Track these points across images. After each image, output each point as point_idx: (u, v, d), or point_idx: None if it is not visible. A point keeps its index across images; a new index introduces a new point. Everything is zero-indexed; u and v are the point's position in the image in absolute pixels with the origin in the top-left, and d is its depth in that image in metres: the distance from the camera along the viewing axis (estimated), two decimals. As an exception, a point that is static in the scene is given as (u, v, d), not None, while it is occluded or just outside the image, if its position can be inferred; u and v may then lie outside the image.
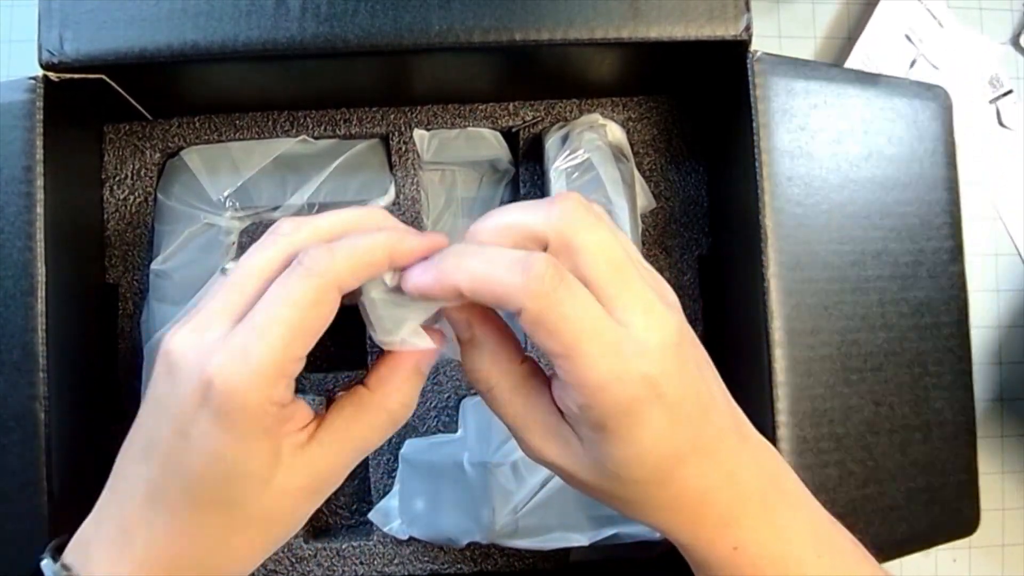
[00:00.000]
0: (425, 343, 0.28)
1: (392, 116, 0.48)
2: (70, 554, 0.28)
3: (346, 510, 0.50)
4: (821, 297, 0.41)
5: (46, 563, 0.28)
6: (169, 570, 0.27)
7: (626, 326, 0.26)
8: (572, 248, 0.26)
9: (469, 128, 0.49)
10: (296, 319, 0.25)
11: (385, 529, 0.45)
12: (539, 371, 0.30)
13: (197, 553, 0.27)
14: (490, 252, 0.27)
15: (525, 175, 0.49)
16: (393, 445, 0.46)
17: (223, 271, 0.29)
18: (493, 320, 0.29)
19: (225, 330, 0.26)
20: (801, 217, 0.41)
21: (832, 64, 0.43)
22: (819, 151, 0.42)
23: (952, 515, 0.43)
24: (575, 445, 0.29)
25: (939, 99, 0.44)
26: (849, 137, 0.42)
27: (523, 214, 0.27)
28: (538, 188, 0.49)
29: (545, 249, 0.27)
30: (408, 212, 0.47)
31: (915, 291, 0.43)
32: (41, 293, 0.38)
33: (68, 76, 0.39)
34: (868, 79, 0.44)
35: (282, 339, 0.25)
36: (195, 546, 0.27)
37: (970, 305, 0.44)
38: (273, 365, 0.25)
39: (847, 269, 0.42)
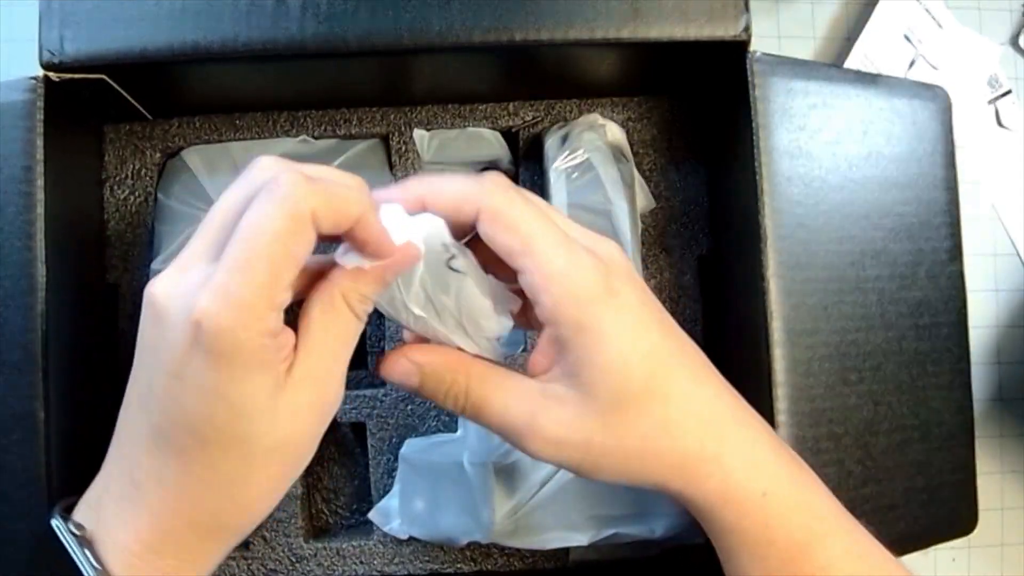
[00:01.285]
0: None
1: (392, 116, 0.48)
2: (80, 513, 0.28)
3: (346, 510, 0.50)
4: (820, 297, 0.41)
5: (57, 523, 0.27)
6: (189, 517, 0.27)
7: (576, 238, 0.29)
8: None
9: (469, 128, 0.49)
10: (276, 251, 0.24)
11: (385, 529, 0.45)
12: (496, 364, 0.30)
13: (215, 496, 0.27)
14: (441, 176, 0.29)
15: (525, 175, 0.49)
16: (393, 445, 0.46)
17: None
18: (434, 349, 0.30)
19: (207, 269, 0.25)
20: (801, 217, 0.41)
21: (831, 64, 0.43)
22: (818, 151, 0.42)
23: (951, 514, 0.43)
24: (571, 396, 0.28)
25: (938, 99, 0.44)
26: (848, 137, 0.42)
27: (459, 182, 0.29)
28: (538, 188, 0.49)
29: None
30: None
31: (914, 291, 0.43)
32: (41, 293, 0.38)
33: (68, 76, 0.39)
34: (867, 79, 0.44)
35: (264, 273, 0.24)
36: (212, 489, 0.27)
37: (969, 305, 0.44)
38: (259, 300, 0.24)
39: (846, 269, 0.42)
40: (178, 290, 0.25)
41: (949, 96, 0.45)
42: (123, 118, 0.48)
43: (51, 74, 0.39)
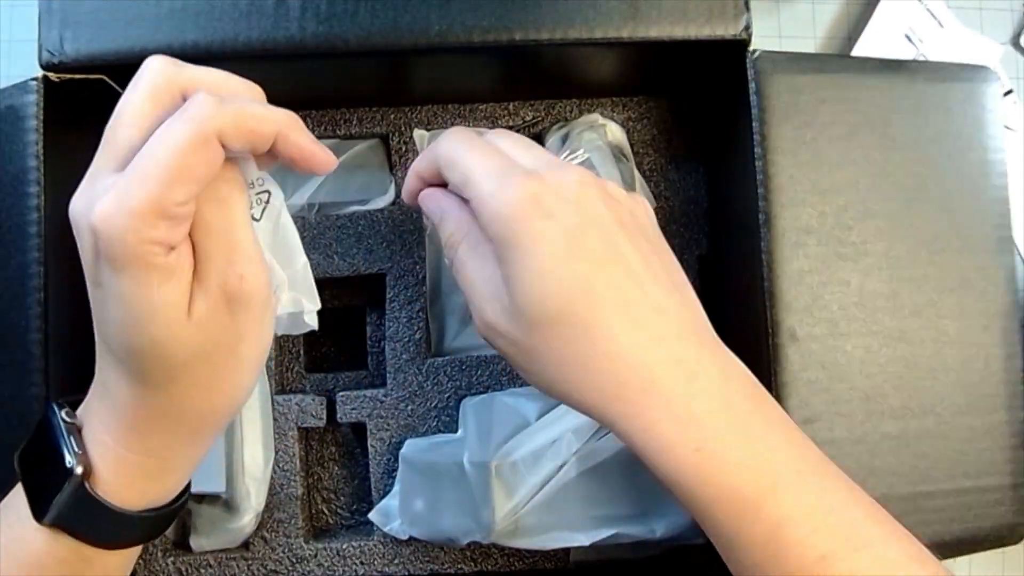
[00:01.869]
0: None
1: (392, 116, 0.48)
2: (80, 411, 0.31)
3: (346, 510, 0.50)
4: (821, 295, 0.41)
5: (54, 409, 0.30)
6: (146, 415, 0.29)
7: (520, 165, 0.31)
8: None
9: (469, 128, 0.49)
10: (173, 161, 0.25)
11: (385, 529, 0.45)
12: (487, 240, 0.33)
13: (159, 399, 0.29)
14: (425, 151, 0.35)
15: (525, 175, 0.49)
16: (393, 445, 0.46)
17: None
18: (451, 194, 0.34)
19: (111, 178, 0.26)
20: (811, 218, 0.41)
21: (842, 55, 0.42)
22: (827, 147, 0.41)
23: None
24: (504, 296, 0.30)
25: (985, 80, 0.43)
26: (865, 129, 0.41)
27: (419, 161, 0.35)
28: (538, 188, 0.49)
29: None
30: (408, 212, 0.47)
31: (965, 302, 0.42)
32: (41, 293, 0.38)
33: (68, 77, 0.39)
34: (891, 66, 0.42)
35: (158, 180, 0.25)
36: (153, 393, 0.28)
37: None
38: (148, 205, 0.25)
39: (875, 272, 0.41)
40: (85, 200, 0.27)
41: (997, 75, 0.42)
42: (123, 118, 0.47)
43: (51, 74, 0.39)
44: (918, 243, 0.42)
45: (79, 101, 0.41)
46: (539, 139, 0.48)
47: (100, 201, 0.25)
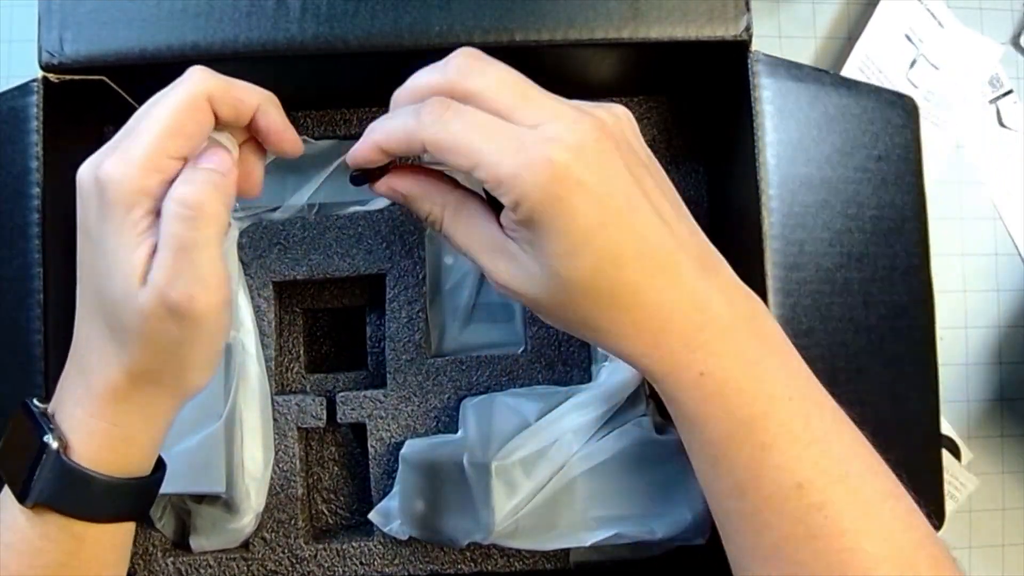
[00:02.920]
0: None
1: (392, 116, 0.48)
2: (52, 401, 0.33)
3: (346, 510, 0.50)
4: (815, 298, 0.41)
5: (27, 404, 0.32)
6: (114, 380, 0.31)
7: (535, 128, 0.29)
8: (468, 92, 0.30)
9: (469, 128, 0.49)
10: (167, 118, 0.29)
11: (385, 529, 0.45)
12: (475, 196, 0.33)
13: (129, 353, 0.30)
14: (394, 112, 0.32)
15: (525, 175, 0.49)
16: (393, 445, 0.46)
17: None
18: (421, 171, 0.34)
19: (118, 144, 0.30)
20: (798, 217, 0.41)
21: (820, 68, 0.43)
22: (815, 152, 0.42)
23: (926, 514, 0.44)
24: (524, 259, 0.30)
25: (908, 107, 0.45)
26: (836, 139, 0.42)
27: (426, 75, 0.32)
28: (538, 188, 0.49)
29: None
30: (408, 212, 0.47)
31: (892, 294, 0.43)
32: (41, 294, 0.38)
33: (68, 78, 0.39)
34: (851, 84, 0.44)
35: (154, 135, 0.29)
36: (123, 346, 0.30)
37: (970, 305, 0.44)
38: (145, 157, 0.29)
39: (835, 271, 0.42)
40: (93, 162, 0.30)
41: (917, 105, 0.45)
42: (123, 118, 0.47)
43: (50, 75, 0.39)
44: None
45: (79, 102, 0.41)
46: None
47: (108, 159, 0.29)
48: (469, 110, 0.30)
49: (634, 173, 0.30)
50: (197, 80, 0.30)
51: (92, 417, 0.31)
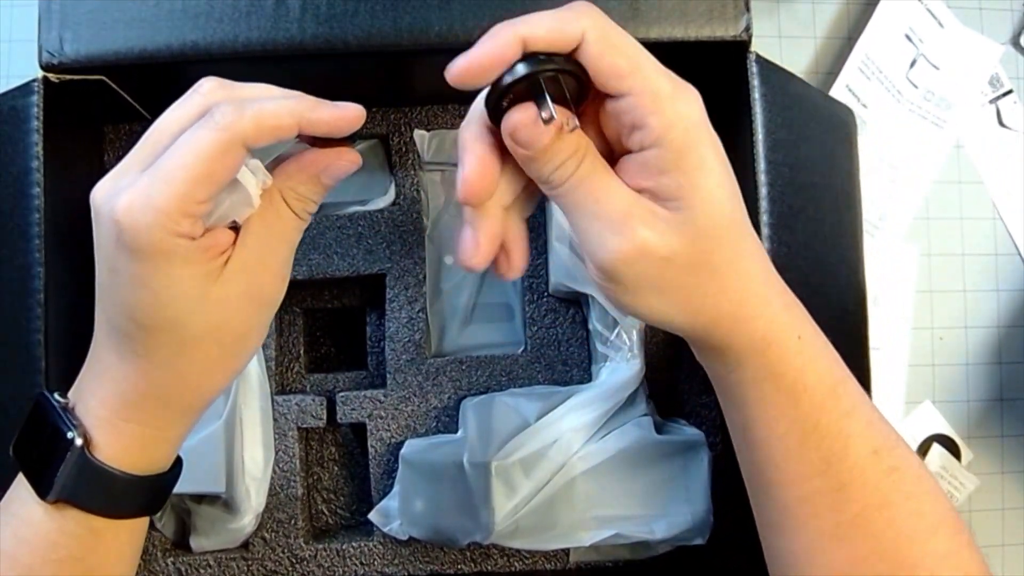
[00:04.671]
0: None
1: (392, 116, 0.48)
2: (71, 394, 0.32)
3: (346, 510, 0.50)
4: (803, 300, 0.41)
5: (45, 395, 0.32)
6: (141, 390, 0.30)
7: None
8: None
9: (469, 128, 0.49)
10: (198, 165, 0.27)
11: (385, 529, 0.45)
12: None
13: (158, 373, 0.30)
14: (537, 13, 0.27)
15: (525, 175, 0.49)
16: (393, 446, 0.46)
17: None
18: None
19: (137, 176, 0.28)
20: (786, 219, 0.41)
21: (797, 76, 0.44)
22: (793, 157, 0.42)
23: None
24: (661, 212, 0.28)
25: (849, 120, 0.46)
26: (806, 145, 0.43)
27: (552, 22, 0.27)
28: (538, 188, 0.49)
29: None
30: (408, 212, 0.47)
31: (841, 299, 0.44)
32: (42, 294, 0.38)
33: (68, 77, 0.39)
34: (814, 91, 0.45)
35: (183, 182, 0.27)
36: (155, 367, 0.30)
37: (969, 305, 0.44)
38: (173, 204, 0.27)
39: (810, 274, 0.42)
40: (109, 192, 0.28)
41: (855, 117, 0.46)
42: (123, 118, 0.47)
43: (50, 75, 0.39)
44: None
45: (79, 102, 0.41)
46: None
47: (124, 194, 0.27)
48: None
49: None
50: (229, 123, 0.27)
51: (119, 418, 0.31)
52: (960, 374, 0.56)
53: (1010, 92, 0.57)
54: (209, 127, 0.27)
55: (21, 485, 0.31)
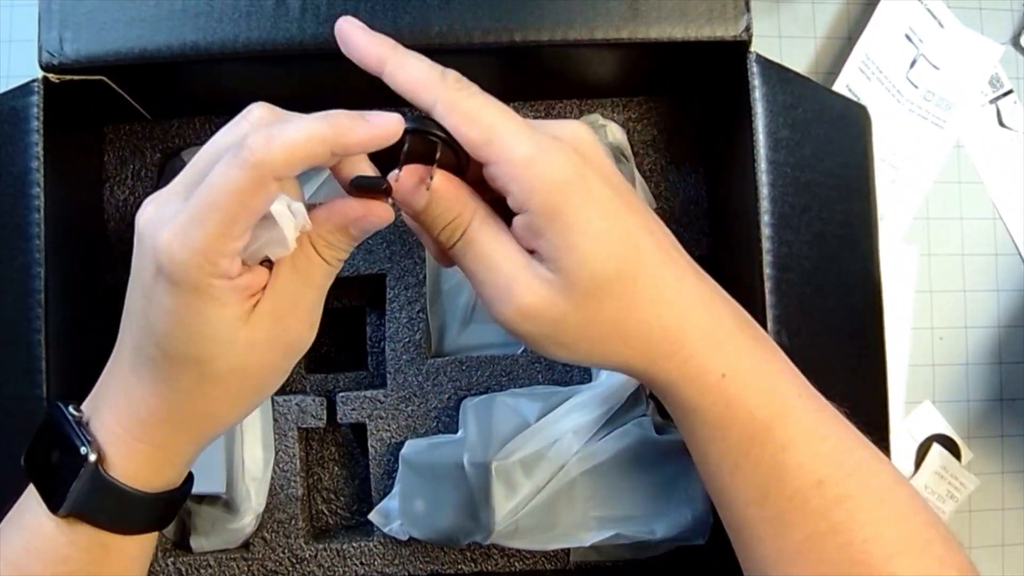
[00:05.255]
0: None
1: (392, 116, 0.48)
2: (84, 407, 0.32)
3: (346, 511, 0.50)
4: (800, 299, 0.41)
5: (60, 407, 0.31)
6: (160, 414, 0.30)
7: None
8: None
9: (469, 128, 0.49)
10: (229, 205, 0.26)
11: (385, 530, 0.45)
12: (496, 214, 0.30)
13: (179, 401, 0.30)
14: (409, 60, 0.30)
15: (525, 175, 0.49)
16: (393, 446, 0.46)
17: None
18: (452, 177, 0.30)
19: (180, 205, 0.28)
20: (787, 219, 0.41)
21: (800, 73, 0.43)
22: (798, 155, 0.42)
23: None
24: (545, 275, 0.29)
25: (864, 117, 0.45)
26: (813, 143, 0.42)
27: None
28: (538, 188, 0.49)
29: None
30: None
31: (853, 297, 0.43)
32: (41, 294, 0.38)
33: (68, 77, 0.39)
34: (823, 90, 0.45)
35: (217, 223, 0.26)
36: (176, 394, 0.30)
37: (969, 305, 0.44)
38: (209, 244, 0.27)
39: (814, 273, 0.42)
40: (154, 220, 0.28)
41: (870, 115, 0.45)
42: (123, 118, 0.47)
43: (50, 75, 0.39)
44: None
45: (79, 102, 0.41)
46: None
47: (166, 229, 0.27)
48: (487, 96, 0.29)
49: (622, 181, 0.31)
50: (258, 160, 0.26)
51: (134, 438, 0.31)
52: (960, 374, 0.56)
53: (1010, 92, 0.57)
54: (237, 164, 0.26)
55: (31, 497, 0.31)
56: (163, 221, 0.27)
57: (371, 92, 0.47)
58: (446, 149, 0.29)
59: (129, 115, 0.46)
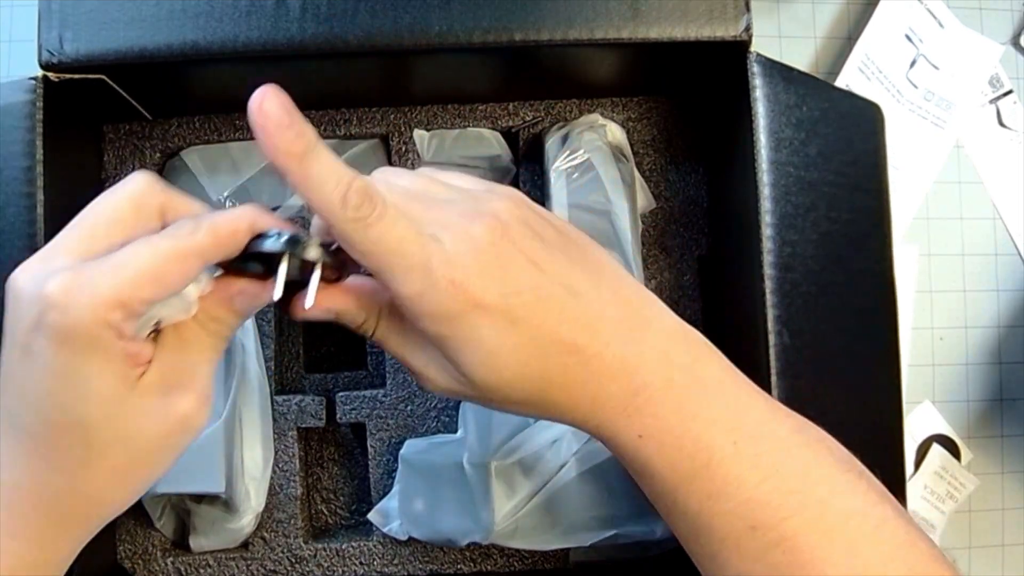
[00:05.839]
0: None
1: (392, 116, 0.48)
2: None
3: (346, 510, 0.50)
4: (805, 300, 0.41)
5: None
6: (37, 501, 0.28)
7: (439, 242, 0.28)
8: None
9: (469, 128, 0.49)
10: (154, 266, 0.26)
11: (385, 530, 0.45)
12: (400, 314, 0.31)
13: (59, 480, 0.28)
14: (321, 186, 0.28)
15: (525, 175, 0.49)
16: (393, 446, 0.46)
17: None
18: (348, 291, 0.32)
19: (70, 263, 0.27)
20: (790, 219, 0.41)
21: (805, 72, 0.43)
22: (802, 154, 0.42)
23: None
24: (448, 367, 0.30)
25: (877, 114, 0.45)
26: (819, 141, 0.42)
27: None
28: (538, 188, 0.49)
29: None
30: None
31: (863, 297, 0.43)
32: (41, 293, 0.38)
33: (68, 76, 0.39)
34: (830, 88, 0.44)
35: (134, 275, 0.26)
36: (56, 473, 0.28)
37: (969, 305, 0.44)
38: (114, 293, 0.26)
39: (820, 273, 0.41)
40: (37, 274, 0.27)
41: (883, 113, 0.45)
42: (123, 118, 0.47)
43: (50, 74, 0.39)
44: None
45: (79, 101, 0.41)
46: (539, 139, 0.48)
47: (60, 275, 0.26)
48: (394, 217, 0.28)
49: (538, 261, 0.30)
50: (195, 246, 0.27)
51: (4, 533, 0.28)
52: (960, 374, 0.56)
53: (1010, 92, 0.57)
54: (170, 236, 0.27)
55: None
56: (53, 272, 0.26)
57: (371, 92, 0.48)
58: (329, 263, 0.29)
59: (129, 114, 0.46)
